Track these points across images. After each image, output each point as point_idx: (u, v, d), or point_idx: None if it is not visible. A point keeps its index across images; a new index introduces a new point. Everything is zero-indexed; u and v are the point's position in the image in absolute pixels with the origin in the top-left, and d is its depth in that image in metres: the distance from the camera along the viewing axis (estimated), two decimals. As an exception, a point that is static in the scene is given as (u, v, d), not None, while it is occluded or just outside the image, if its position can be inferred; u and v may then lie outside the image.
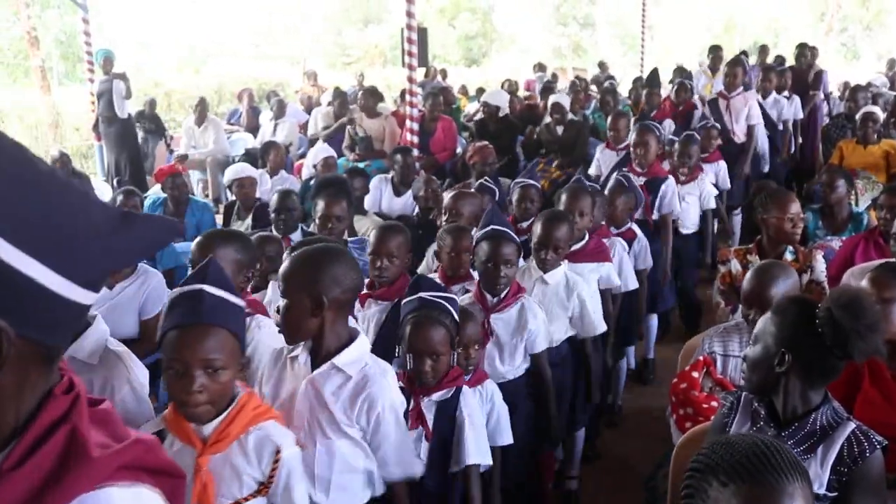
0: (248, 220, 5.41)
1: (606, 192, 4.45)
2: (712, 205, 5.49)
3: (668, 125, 7.35)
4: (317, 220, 4.04)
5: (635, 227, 4.55)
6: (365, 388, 2.13)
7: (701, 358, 2.77)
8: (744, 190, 6.82)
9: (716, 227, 5.97)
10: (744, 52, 9.23)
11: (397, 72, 14.10)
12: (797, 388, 1.96)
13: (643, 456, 3.78)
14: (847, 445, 1.89)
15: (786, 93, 7.87)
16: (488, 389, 2.75)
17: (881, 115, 6.41)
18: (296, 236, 4.43)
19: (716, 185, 5.88)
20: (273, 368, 2.32)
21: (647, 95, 8.66)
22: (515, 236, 3.14)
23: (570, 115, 7.64)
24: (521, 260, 3.33)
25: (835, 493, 1.88)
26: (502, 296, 3.10)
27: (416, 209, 5.37)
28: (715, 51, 9.57)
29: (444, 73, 15.83)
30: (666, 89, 9.36)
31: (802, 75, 8.64)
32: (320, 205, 3.98)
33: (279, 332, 2.38)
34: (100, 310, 3.66)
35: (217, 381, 1.88)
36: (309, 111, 10.48)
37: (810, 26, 27.09)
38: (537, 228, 3.45)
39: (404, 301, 2.59)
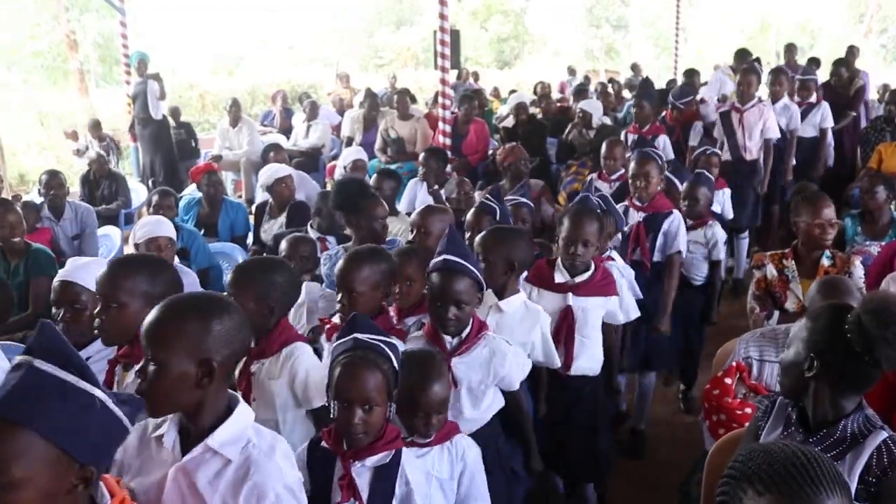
0: (282, 219, 5.45)
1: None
2: (722, 255, 4.64)
3: (662, 142, 6.54)
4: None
5: (616, 256, 3.93)
6: (248, 475, 1.69)
7: (734, 364, 2.74)
8: (752, 211, 6.34)
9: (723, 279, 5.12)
10: (757, 59, 8.20)
11: (429, 74, 14.13)
12: (827, 394, 1.93)
13: (676, 462, 3.74)
14: (877, 455, 1.85)
15: (813, 98, 7.28)
16: (459, 447, 2.37)
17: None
18: (332, 239, 4.48)
19: (720, 216, 5.17)
20: (136, 453, 1.85)
21: (636, 108, 7.01)
22: (475, 270, 2.67)
23: (601, 119, 7.60)
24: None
25: (864, 504, 1.84)
26: (463, 335, 2.69)
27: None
28: (743, 55, 9.01)
29: (475, 76, 15.86)
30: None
31: (841, 90, 8.07)
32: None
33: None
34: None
35: None
36: (341, 113, 10.54)
37: (849, 27, 26.69)
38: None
39: (336, 342, 2.21)
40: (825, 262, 3.47)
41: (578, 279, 3.28)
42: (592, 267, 3.32)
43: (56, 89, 17.37)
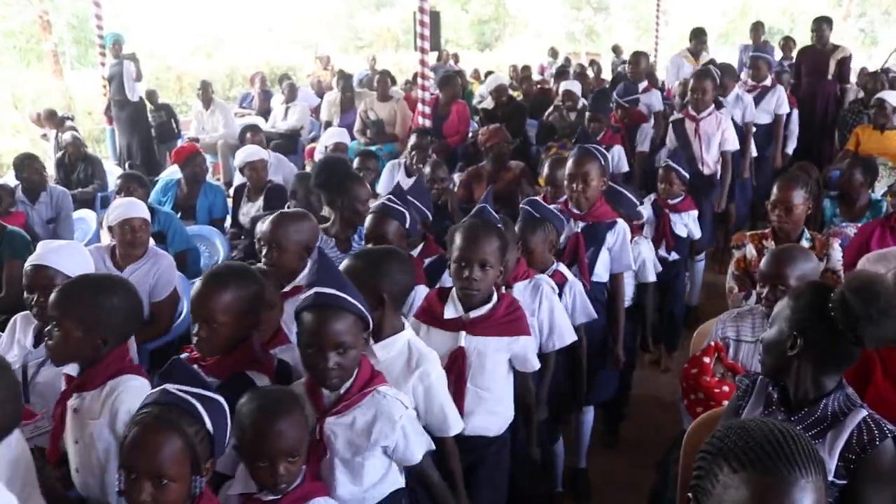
0: (260, 202, 5.41)
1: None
2: (651, 277, 4.10)
3: (617, 154, 5.92)
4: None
5: (564, 270, 3.34)
6: None
7: (712, 343, 2.75)
8: (710, 231, 5.71)
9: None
10: (712, 61, 7.31)
11: (409, 56, 14.06)
12: (809, 372, 1.94)
13: (655, 441, 3.77)
14: (857, 432, 1.86)
15: (768, 81, 6.89)
16: None
17: (896, 101, 6.31)
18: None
19: (684, 240, 4.81)
20: None
21: (591, 121, 6.14)
22: (356, 302, 2.09)
23: (582, 101, 7.58)
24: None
25: (844, 481, 1.85)
26: (342, 390, 2.12)
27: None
28: (697, 35, 8.62)
29: (456, 58, 15.79)
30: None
31: (821, 57, 7.68)
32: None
33: None
34: (111, 292, 3.69)
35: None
36: (320, 95, 10.46)
37: (827, 11, 26.79)
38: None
39: (144, 404, 1.83)
40: (804, 243, 3.49)
41: (474, 314, 2.63)
42: (494, 298, 2.66)
43: (29, 71, 17.08)
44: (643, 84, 7.42)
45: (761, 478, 1.33)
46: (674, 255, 4.71)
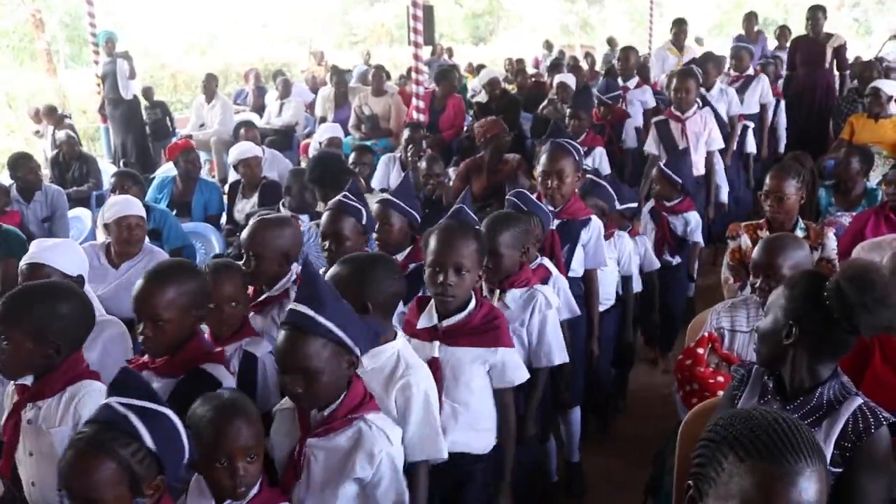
0: (255, 199, 5.41)
1: (485, 228, 2.88)
2: (634, 270, 4.03)
3: (599, 156, 5.72)
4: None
5: (548, 264, 3.24)
6: None
7: (706, 334, 2.76)
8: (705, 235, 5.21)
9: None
10: (693, 60, 6.86)
11: (404, 50, 14.05)
12: (804, 361, 1.94)
13: (652, 433, 3.77)
14: (852, 420, 1.87)
15: (751, 70, 6.82)
16: None
17: (891, 90, 6.33)
18: (304, 217, 4.44)
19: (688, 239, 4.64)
20: None
21: (571, 118, 5.85)
22: (334, 329, 1.93)
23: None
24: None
25: (839, 469, 1.86)
26: (326, 412, 2.00)
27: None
28: (679, 24, 8.43)
29: (450, 52, 15.78)
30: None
31: (817, 46, 7.57)
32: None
33: None
34: (107, 289, 3.70)
35: None
36: (315, 91, 10.46)
37: (822, 0, 26.75)
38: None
39: (85, 421, 1.77)
40: (799, 232, 3.49)
41: (448, 322, 2.47)
42: (471, 305, 2.48)
43: (23, 70, 17.04)
44: (634, 80, 7.19)
45: (768, 467, 1.34)
46: (677, 259, 4.61)
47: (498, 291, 2.85)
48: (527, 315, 2.87)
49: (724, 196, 5.70)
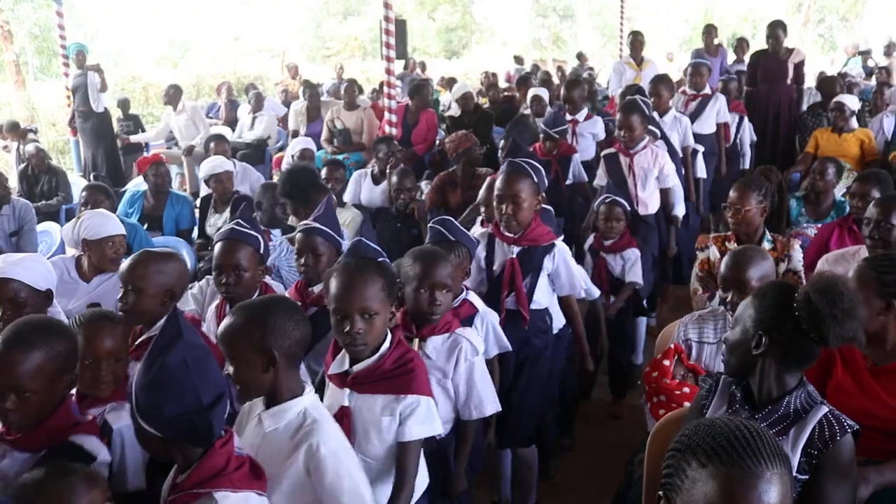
0: (226, 214, 5.38)
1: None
2: (595, 293, 3.89)
3: None
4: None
5: (475, 299, 3.00)
6: None
7: (672, 346, 2.79)
8: (651, 280, 4.79)
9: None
10: (639, 90, 6.36)
11: (377, 64, 14.07)
12: (773, 371, 1.98)
13: (622, 444, 3.80)
14: (818, 429, 1.91)
15: (707, 90, 6.57)
16: None
17: (854, 104, 6.46)
18: (276, 232, 4.43)
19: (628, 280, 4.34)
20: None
21: (505, 150, 4.35)
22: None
23: (549, 110, 7.64)
24: None
25: (806, 476, 1.90)
26: (179, 479, 1.83)
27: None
28: (634, 35, 8.13)
29: (423, 66, 15.81)
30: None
31: (777, 64, 7.56)
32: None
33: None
34: (79, 303, 3.65)
35: None
36: (287, 104, 10.43)
37: (787, 17, 27.28)
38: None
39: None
40: (766, 244, 3.56)
41: (357, 367, 2.24)
42: (386, 345, 2.24)
43: (-9, 82, 16.84)
44: (583, 112, 6.44)
45: (728, 471, 1.37)
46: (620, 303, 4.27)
47: (417, 340, 2.61)
48: (451, 365, 2.61)
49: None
